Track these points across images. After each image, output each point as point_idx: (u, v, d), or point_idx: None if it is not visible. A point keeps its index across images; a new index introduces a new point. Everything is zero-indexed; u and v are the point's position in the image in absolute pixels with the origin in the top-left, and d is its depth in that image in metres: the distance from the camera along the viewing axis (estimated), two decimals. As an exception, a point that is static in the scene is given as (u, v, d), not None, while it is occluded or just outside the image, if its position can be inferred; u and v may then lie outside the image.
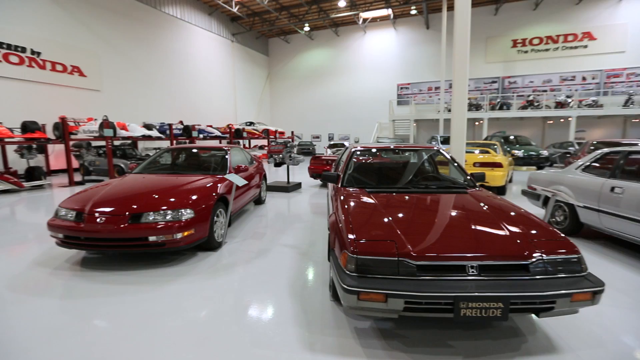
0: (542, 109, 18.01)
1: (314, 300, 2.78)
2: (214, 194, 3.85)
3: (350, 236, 2.22)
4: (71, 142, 9.99)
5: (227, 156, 4.93)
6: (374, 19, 23.31)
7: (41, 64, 12.54)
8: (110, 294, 2.87)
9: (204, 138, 14.39)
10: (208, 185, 3.97)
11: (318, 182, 9.48)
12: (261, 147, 20.07)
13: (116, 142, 11.75)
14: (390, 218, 2.50)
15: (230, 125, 15.91)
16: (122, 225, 3.17)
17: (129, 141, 12.28)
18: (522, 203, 4.16)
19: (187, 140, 13.76)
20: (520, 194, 5.70)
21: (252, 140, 19.47)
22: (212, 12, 20.98)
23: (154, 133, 11.91)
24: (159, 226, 3.21)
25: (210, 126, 15.47)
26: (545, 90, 19.98)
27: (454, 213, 2.72)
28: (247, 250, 3.95)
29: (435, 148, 4.22)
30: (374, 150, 5.09)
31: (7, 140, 8.53)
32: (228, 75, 23.03)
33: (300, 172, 11.79)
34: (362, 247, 2.10)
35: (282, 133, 19.41)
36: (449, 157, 3.95)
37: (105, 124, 9.69)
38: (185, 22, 19.18)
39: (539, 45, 20.24)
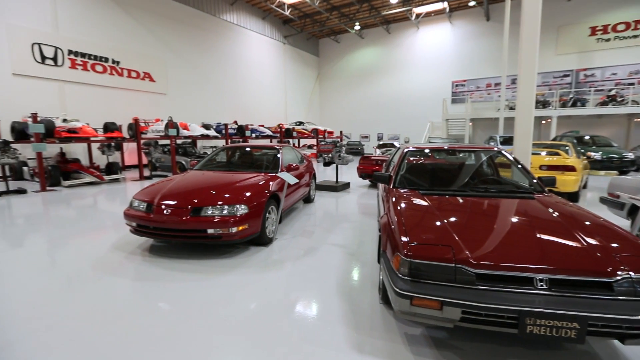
0: (627, 105, 15.76)
1: (363, 301, 2.74)
2: (266, 191, 4.00)
3: (404, 239, 2.15)
4: (142, 141, 11.09)
5: (279, 155, 5.09)
6: (428, 14, 22.37)
7: (120, 71, 14.12)
8: (173, 280, 3.13)
9: (256, 137, 15.04)
10: (261, 183, 4.13)
11: (367, 182, 9.37)
12: (310, 147, 20.39)
13: (178, 141, 12.78)
14: (445, 222, 2.37)
15: (280, 125, 16.43)
16: (184, 218, 3.44)
17: (190, 140, 13.28)
18: (601, 212, 3.68)
19: (241, 139, 14.48)
20: (597, 202, 5.05)
21: (301, 140, 19.89)
22: (265, 16, 21.82)
23: (212, 132, 12.75)
24: (216, 220, 3.42)
25: (262, 126, 16.12)
26: (632, 83, 17.45)
27: (519, 219, 2.49)
28: (297, 247, 4.04)
29: (495, 149, 3.92)
30: (427, 150, 4.88)
31: (92, 139, 9.75)
32: (279, 76, 23.77)
33: (348, 172, 11.74)
34: (416, 251, 2.02)
35: (331, 133, 19.53)
36: (511, 158, 3.64)
37: (170, 124, 10.60)
38: (241, 27, 20.19)
39: (625, 32, 17.71)
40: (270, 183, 4.20)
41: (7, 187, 7.91)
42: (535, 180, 3.29)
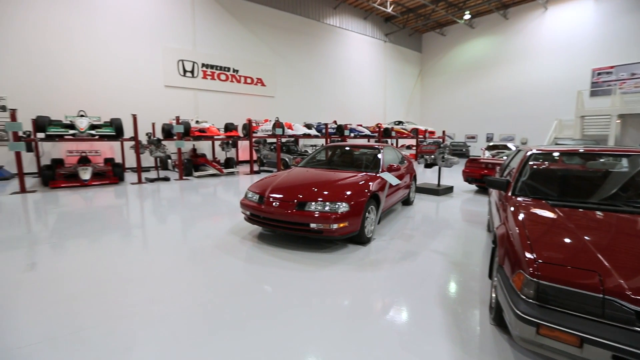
0: None
1: (470, 318, 2.49)
2: (366, 190, 4.00)
3: (528, 255, 1.85)
4: (253, 139, 12.46)
5: (380, 155, 5.03)
6: (561, -9, 18.84)
7: (238, 78, 16.19)
8: (277, 267, 3.41)
9: (355, 137, 15.22)
10: (362, 182, 4.16)
11: (473, 187, 8.48)
12: (408, 147, 19.61)
13: (283, 139, 13.89)
14: (586, 240, 1.95)
15: (379, 125, 16.24)
16: (289, 211, 3.72)
17: (293, 138, 14.31)
18: None
19: (340, 139, 14.88)
20: None
21: (399, 140, 19.29)
22: (367, 16, 21.85)
23: (313, 132, 13.47)
24: (319, 215, 3.59)
25: (360, 125, 16.22)
26: None
27: None
28: (395, 249, 3.93)
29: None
30: (557, 154, 4.12)
31: (216, 137, 11.44)
32: (379, 75, 23.52)
33: (450, 175, 10.86)
34: (546, 271, 1.72)
35: (432, 133, 18.36)
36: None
37: (277, 124, 11.61)
38: (343, 29, 20.70)
39: None
40: (371, 183, 4.18)
41: (158, 175, 9.96)
42: None
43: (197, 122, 11.52)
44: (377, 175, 4.47)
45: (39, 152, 10.43)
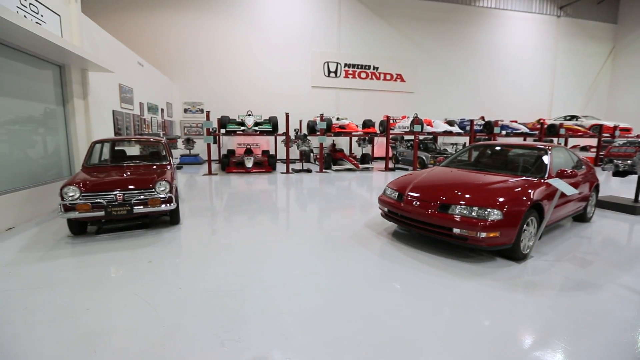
0: None
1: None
2: (526, 198, 3.36)
3: None
4: (390, 136, 12.38)
5: (546, 157, 4.13)
6: None
7: (378, 75, 16.34)
8: (412, 267, 3.28)
9: (507, 135, 13.11)
10: (521, 189, 3.52)
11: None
12: (584, 148, 15.50)
13: (420, 137, 13.25)
14: None
15: (541, 120, 13.44)
16: (430, 212, 3.50)
17: (431, 136, 13.47)
18: None
19: (487, 137, 13.12)
20: None
21: (569, 139, 15.44)
22: (536, -11, 18.20)
23: (455, 129, 12.33)
24: (464, 221, 3.25)
25: (515, 121, 13.83)
26: None
27: None
28: (561, 274, 3.16)
29: None
30: None
31: (354, 134, 11.93)
32: (546, 59, 19.30)
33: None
34: None
35: (626, 130, 13.86)
36: None
37: (416, 120, 11.15)
38: (500, 10, 17.89)
39: None
40: (532, 190, 3.48)
41: (302, 166, 11.20)
42: None
43: (337, 119, 12.29)
44: (543, 181, 3.69)
45: (220, 144, 13.35)
